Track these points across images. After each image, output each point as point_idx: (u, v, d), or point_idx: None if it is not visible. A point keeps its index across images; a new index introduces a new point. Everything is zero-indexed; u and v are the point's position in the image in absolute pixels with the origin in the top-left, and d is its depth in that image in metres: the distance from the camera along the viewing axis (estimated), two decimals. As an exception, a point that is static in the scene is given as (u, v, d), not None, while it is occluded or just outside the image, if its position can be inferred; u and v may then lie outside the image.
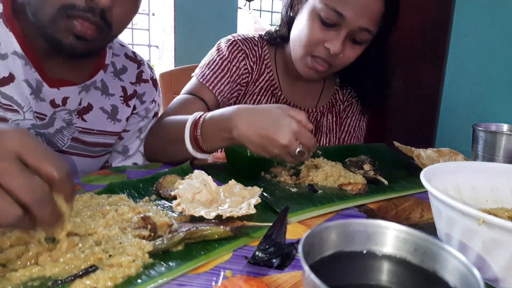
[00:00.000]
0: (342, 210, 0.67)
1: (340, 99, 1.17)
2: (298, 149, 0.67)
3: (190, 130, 0.77)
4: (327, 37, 0.90)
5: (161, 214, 0.56)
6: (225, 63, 1.03)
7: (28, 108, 0.75)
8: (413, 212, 0.69)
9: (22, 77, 0.74)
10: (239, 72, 1.04)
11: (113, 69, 0.89)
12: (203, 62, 1.06)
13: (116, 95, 0.89)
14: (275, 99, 1.09)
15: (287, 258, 0.48)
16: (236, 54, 1.04)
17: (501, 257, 0.42)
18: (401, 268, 0.37)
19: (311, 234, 0.34)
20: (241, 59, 1.04)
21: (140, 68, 0.95)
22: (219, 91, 1.01)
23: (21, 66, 0.73)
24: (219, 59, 1.03)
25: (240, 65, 1.04)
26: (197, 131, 0.76)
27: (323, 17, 0.88)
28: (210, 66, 1.03)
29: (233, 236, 0.52)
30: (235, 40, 1.06)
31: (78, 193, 0.59)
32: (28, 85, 0.74)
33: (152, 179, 0.71)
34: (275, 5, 3.41)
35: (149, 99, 0.96)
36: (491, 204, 0.60)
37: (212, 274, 0.45)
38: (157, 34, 2.60)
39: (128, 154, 0.96)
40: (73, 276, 0.41)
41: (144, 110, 0.95)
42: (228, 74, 1.02)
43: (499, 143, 0.82)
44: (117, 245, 0.46)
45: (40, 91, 0.76)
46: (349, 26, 0.88)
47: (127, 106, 0.91)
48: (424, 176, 0.52)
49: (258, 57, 1.07)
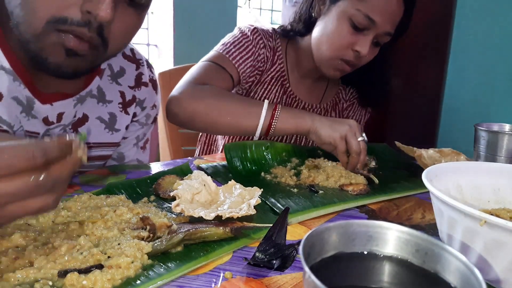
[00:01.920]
0: (343, 211, 0.67)
1: (343, 97, 1.20)
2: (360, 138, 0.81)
3: (266, 117, 0.85)
4: (356, 40, 0.94)
5: (160, 215, 0.55)
6: (250, 47, 1.04)
7: (19, 127, 0.69)
8: (414, 213, 0.69)
9: (11, 94, 0.66)
10: (259, 58, 1.06)
11: (110, 72, 0.82)
12: (226, 40, 1.05)
13: (114, 101, 0.82)
14: (283, 90, 1.11)
15: (287, 259, 0.48)
16: (258, 40, 1.05)
17: (503, 258, 0.42)
18: (403, 269, 0.36)
19: (311, 235, 0.34)
20: (262, 47, 1.06)
21: (139, 70, 0.88)
22: (242, 71, 1.02)
23: (8, 82, 0.65)
24: (245, 41, 1.04)
25: (261, 51, 1.06)
26: (274, 119, 0.85)
27: (355, 22, 0.92)
28: (236, 45, 1.03)
29: (233, 237, 0.52)
30: (256, 28, 1.07)
31: (77, 194, 0.59)
32: (18, 103, 0.67)
33: (151, 179, 0.70)
34: (275, 3, 3.40)
35: (149, 105, 0.90)
36: (493, 205, 0.59)
37: (212, 276, 0.45)
38: (156, 33, 2.60)
39: (124, 162, 0.91)
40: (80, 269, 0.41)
41: (144, 117, 0.90)
42: (252, 57, 1.04)
43: (501, 143, 0.82)
44: (115, 246, 0.45)
45: (31, 108, 0.69)
46: (377, 30, 0.93)
47: (126, 113, 0.85)
48: (425, 177, 0.52)
49: (272, 47, 1.09)
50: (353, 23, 0.92)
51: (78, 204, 0.56)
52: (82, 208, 0.55)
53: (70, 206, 0.56)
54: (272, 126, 0.85)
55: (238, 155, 0.83)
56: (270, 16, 3.42)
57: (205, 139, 1.22)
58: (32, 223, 0.50)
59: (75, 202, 0.57)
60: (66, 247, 0.45)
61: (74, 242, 0.46)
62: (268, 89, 1.09)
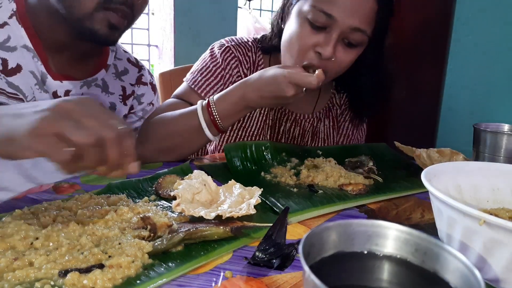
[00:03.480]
0: (343, 211, 0.67)
1: (337, 103, 1.15)
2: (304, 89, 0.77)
3: (204, 114, 0.81)
4: (318, 41, 0.84)
5: (160, 214, 0.55)
6: (219, 70, 1.00)
7: (32, 98, 0.80)
8: (413, 213, 0.69)
9: (29, 68, 0.79)
10: (232, 80, 1.01)
11: (114, 71, 0.96)
12: (195, 68, 1.02)
13: (115, 94, 0.95)
14: None
15: (287, 258, 0.48)
16: (229, 61, 1.01)
17: (502, 257, 0.42)
18: (402, 269, 0.36)
19: (311, 234, 0.34)
20: (234, 66, 1.01)
21: (141, 72, 1.02)
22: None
23: (29, 58, 0.79)
24: (213, 66, 1.00)
25: (233, 72, 1.01)
26: (214, 112, 0.81)
27: (311, 20, 0.83)
28: (203, 72, 1.00)
29: (233, 236, 0.52)
30: (228, 46, 1.02)
31: (77, 193, 0.59)
32: (34, 76, 0.80)
33: (152, 179, 0.71)
34: (275, 4, 3.41)
35: (147, 101, 1.02)
36: (492, 204, 0.59)
37: (212, 275, 0.45)
38: (157, 33, 2.60)
39: None
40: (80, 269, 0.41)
41: (141, 111, 1.01)
42: (221, 82, 1.00)
43: (500, 143, 0.82)
44: (116, 246, 0.45)
45: (44, 82, 0.82)
46: (340, 27, 0.82)
47: (124, 105, 0.97)
48: (425, 176, 0.52)
49: (252, 63, 1.04)
50: (310, 22, 0.83)
51: (79, 204, 0.57)
52: (82, 208, 0.55)
53: (71, 206, 0.56)
54: (216, 121, 0.81)
55: (238, 155, 0.83)
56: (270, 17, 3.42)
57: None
58: (33, 223, 0.50)
59: (76, 202, 0.57)
60: (67, 247, 0.45)
61: (74, 242, 0.46)
62: None
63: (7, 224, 0.49)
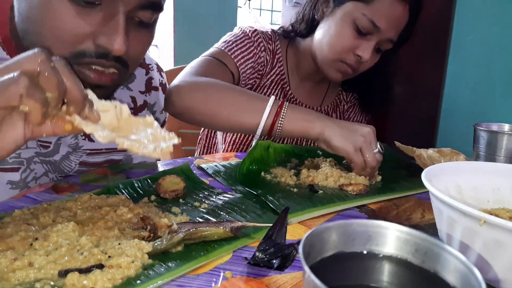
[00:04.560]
0: (343, 211, 0.67)
1: (344, 99, 1.20)
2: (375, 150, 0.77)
3: (270, 115, 0.79)
4: (359, 45, 0.93)
5: (160, 214, 0.55)
6: (252, 48, 1.02)
7: None
8: (414, 213, 0.69)
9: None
10: (259, 61, 1.04)
11: None
12: (228, 38, 1.02)
13: None
14: (283, 94, 1.10)
15: (287, 259, 0.48)
16: (259, 42, 1.04)
17: (502, 257, 0.42)
18: (402, 269, 0.36)
19: (311, 234, 0.34)
20: (262, 49, 1.05)
21: (149, 74, 0.89)
22: (242, 70, 1.00)
23: None
24: (247, 41, 1.02)
25: (261, 54, 1.04)
26: (280, 118, 0.79)
27: (358, 26, 0.91)
28: (238, 44, 1.01)
29: (233, 236, 0.52)
30: (257, 30, 1.05)
31: (77, 194, 0.59)
32: None
33: (152, 179, 0.71)
34: (275, 4, 3.40)
35: (159, 109, 0.92)
36: (492, 205, 0.59)
37: (212, 275, 0.45)
38: (157, 33, 2.59)
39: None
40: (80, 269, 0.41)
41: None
42: (253, 59, 1.02)
43: (501, 143, 0.82)
44: (116, 246, 0.45)
45: None
46: (380, 36, 0.93)
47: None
48: (425, 176, 0.52)
49: (272, 50, 1.08)
50: (357, 27, 0.92)
51: (79, 204, 0.57)
52: (82, 208, 0.55)
53: (71, 206, 0.56)
54: (276, 126, 0.79)
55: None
56: (270, 17, 3.42)
57: (205, 142, 1.21)
58: (32, 223, 0.50)
59: (76, 202, 0.57)
60: (67, 247, 0.45)
61: (74, 242, 0.46)
62: (268, 93, 1.08)
63: (6, 225, 0.48)
